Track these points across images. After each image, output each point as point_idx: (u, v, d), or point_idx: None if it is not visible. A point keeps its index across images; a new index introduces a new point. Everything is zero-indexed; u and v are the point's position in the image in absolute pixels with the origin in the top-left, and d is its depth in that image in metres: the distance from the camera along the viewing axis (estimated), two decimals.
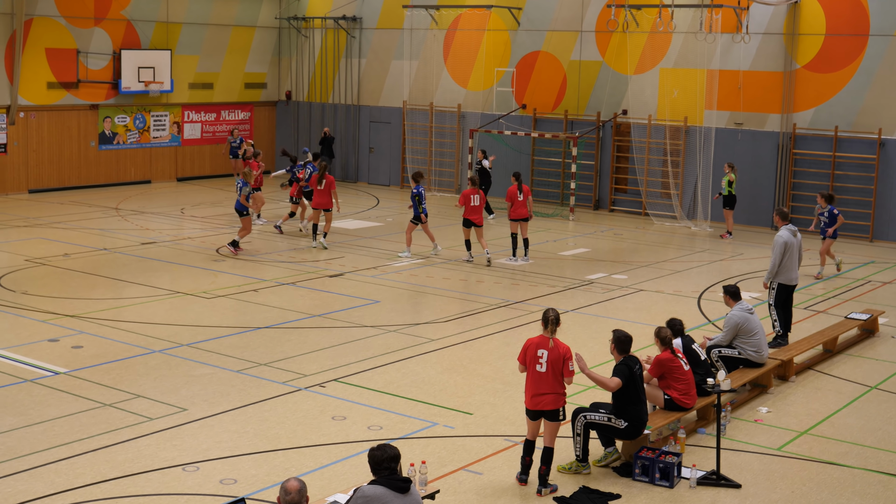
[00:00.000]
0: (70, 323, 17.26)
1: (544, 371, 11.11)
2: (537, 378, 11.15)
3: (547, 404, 11.12)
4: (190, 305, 18.80)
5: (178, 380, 14.41)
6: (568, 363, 11.10)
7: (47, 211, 28.88)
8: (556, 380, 11.12)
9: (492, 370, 15.31)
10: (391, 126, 36.21)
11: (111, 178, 34.10)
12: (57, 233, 25.52)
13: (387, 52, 35.99)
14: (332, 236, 26.03)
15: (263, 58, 38.21)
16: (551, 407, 11.13)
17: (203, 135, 36.63)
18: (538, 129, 32.58)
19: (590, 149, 31.81)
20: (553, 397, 11.12)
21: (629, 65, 30.91)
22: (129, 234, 25.67)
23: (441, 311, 18.88)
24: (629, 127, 31.16)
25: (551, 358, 11.11)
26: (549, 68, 32.60)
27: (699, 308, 19.63)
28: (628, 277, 22.09)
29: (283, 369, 15.03)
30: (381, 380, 14.67)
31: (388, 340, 16.77)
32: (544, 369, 11.11)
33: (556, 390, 11.13)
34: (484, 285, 20.98)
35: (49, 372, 14.63)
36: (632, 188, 31.34)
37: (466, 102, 34.28)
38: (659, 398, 12.65)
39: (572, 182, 30.61)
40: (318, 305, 18.96)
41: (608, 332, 17.39)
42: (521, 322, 17.95)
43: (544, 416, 11.18)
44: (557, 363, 11.10)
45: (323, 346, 16.33)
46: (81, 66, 32.85)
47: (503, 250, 24.53)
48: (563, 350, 11.14)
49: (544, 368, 11.10)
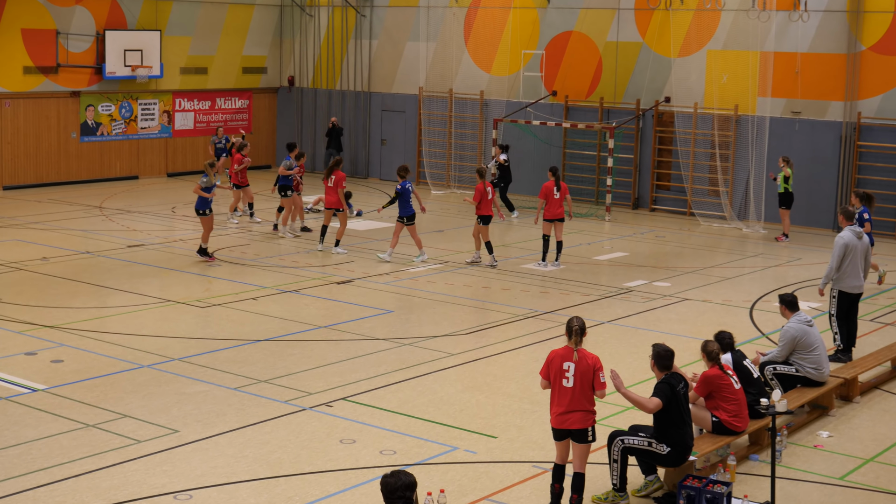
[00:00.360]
0: (49, 334, 17.36)
1: (571, 386, 11.09)
2: (563, 394, 11.14)
3: (574, 423, 11.09)
4: (182, 315, 18.87)
5: (169, 398, 14.48)
6: (599, 374, 11.07)
7: (23, 210, 29.05)
8: (585, 395, 11.11)
9: (518, 388, 15.32)
10: (405, 115, 36.26)
11: (94, 173, 34.27)
12: (34, 234, 25.67)
13: (401, 32, 36.06)
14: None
15: (263, 39, 38.35)
16: (579, 426, 11.10)
17: (196, 125, 36.79)
18: (570, 118, 32.58)
19: (628, 141, 31.79)
20: (581, 415, 11.09)
21: (672, 46, 30.87)
22: (114, 235, 25.80)
23: (462, 322, 18.90)
24: (672, 116, 31.12)
25: (579, 371, 11.09)
26: (582, 50, 32.60)
27: (751, 320, 19.58)
28: (671, 285, 22.05)
29: (285, 386, 15.07)
30: (395, 399, 14.70)
31: (402, 355, 16.80)
32: (571, 384, 11.09)
33: (584, 407, 11.11)
34: (510, 293, 20.99)
35: (26, 389, 14.71)
36: (675, 185, 31.30)
37: (490, 89, 34.30)
38: (706, 420, 12.62)
39: (608, 178, 30.59)
40: (325, 315, 19.01)
41: (648, 346, 17.40)
42: (551, 335, 17.95)
43: (571, 436, 11.17)
44: (586, 375, 11.08)
45: (330, 360, 16.37)
46: (61, 49, 33.04)
47: (532, 254, 24.53)
48: (592, 360, 11.13)
49: (571, 383, 11.09)
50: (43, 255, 23.20)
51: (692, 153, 30.64)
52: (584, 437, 11.12)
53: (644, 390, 15.09)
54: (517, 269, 23.28)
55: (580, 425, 11.10)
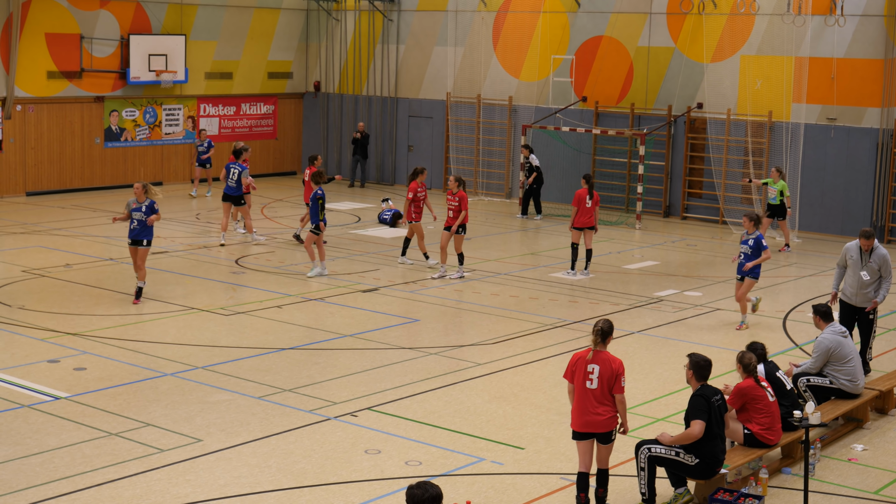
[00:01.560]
0: (72, 342, 17.48)
1: (595, 388, 11.25)
2: (587, 396, 11.27)
3: (599, 426, 11.26)
4: (206, 323, 18.96)
5: (193, 407, 14.55)
6: (620, 379, 11.23)
7: (47, 216, 29.24)
8: (608, 398, 11.28)
9: (546, 399, 15.32)
10: (433, 121, 36.32)
11: (118, 179, 34.47)
12: (57, 241, 25.84)
13: (428, 37, 36.14)
14: (362, 245, 26.17)
15: (289, 44, 38.50)
16: (604, 429, 11.27)
17: (221, 131, 36.95)
18: (600, 124, 32.56)
19: (660, 147, 31.73)
20: (605, 418, 11.26)
21: (705, 51, 30.81)
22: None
23: (489, 331, 18.91)
24: (705, 123, 31.05)
25: (603, 373, 11.24)
26: (613, 55, 32.58)
27: (784, 330, 19.51)
28: (703, 295, 21.99)
29: (309, 396, 15.12)
30: (421, 409, 14.73)
31: (428, 364, 16.82)
32: (595, 385, 11.25)
33: (609, 410, 11.28)
34: (538, 303, 20.98)
35: (48, 397, 14.82)
36: (708, 193, 31.22)
37: (519, 94, 34.32)
38: (738, 433, 12.60)
39: (639, 185, 30.55)
40: (350, 324, 19.06)
41: (679, 357, 17.38)
42: (580, 345, 17.92)
43: (597, 438, 11.34)
44: (610, 380, 11.24)
45: (355, 370, 16.41)
46: (85, 54, 33.26)
47: (561, 262, 24.52)
48: (617, 365, 11.28)
49: (595, 385, 11.25)
50: (66, 262, 23.35)
51: (725, 160, 30.55)
52: (608, 438, 11.32)
53: (674, 401, 15.09)
54: (546, 277, 23.27)
55: (605, 428, 11.26)
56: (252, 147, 37.58)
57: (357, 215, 30.92)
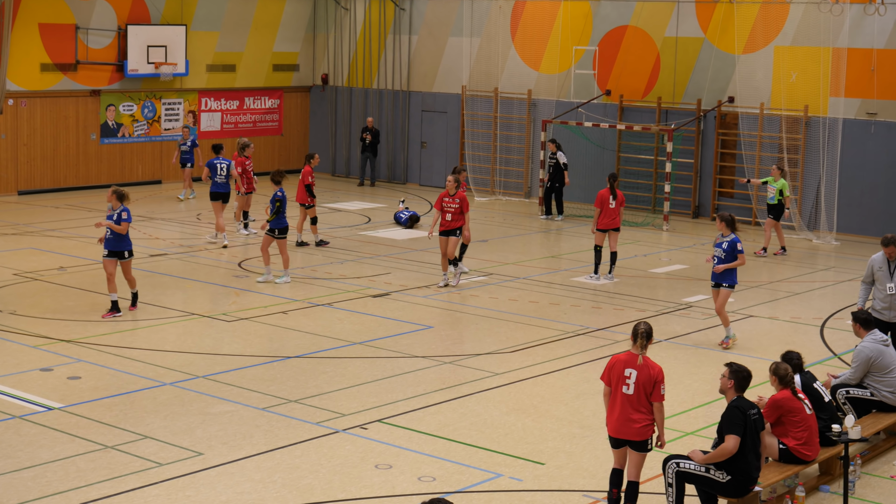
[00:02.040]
0: (66, 349, 17.49)
1: (631, 394, 11.35)
2: (623, 401, 11.39)
3: (633, 433, 11.37)
4: (207, 330, 18.97)
5: (193, 418, 14.55)
6: (659, 386, 11.34)
7: (39, 216, 29.31)
8: (645, 405, 11.38)
9: (568, 411, 15.28)
10: (447, 116, 36.31)
11: (115, 177, 34.52)
12: (50, 242, 25.89)
13: (443, 27, 36.13)
14: (373, 247, 26.16)
15: (295, 34, 38.53)
16: (638, 437, 11.37)
17: (224, 126, 37.00)
18: (625, 119, 32.51)
19: (688, 144, 31.67)
20: (641, 426, 11.36)
21: (737, 42, 30.74)
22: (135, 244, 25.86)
23: (507, 339, 18.88)
24: (736, 118, 30.98)
25: (641, 379, 11.34)
26: (638, 46, 32.53)
27: (822, 339, 19.44)
28: (735, 301, 21.93)
29: (316, 407, 15.11)
30: (435, 421, 14.70)
31: (442, 374, 16.80)
32: (631, 391, 11.35)
33: (644, 417, 11.36)
34: (559, 308, 20.95)
35: (41, 407, 14.83)
36: (739, 192, 31.14)
37: (538, 88, 34.29)
38: (773, 448, 12.54)
39: (667, 184, 30.49)
40: (360, 331, 19.05)
41: (710, 366, 17.34)
42: (604, 353, 17.87)
43: (630, 445, 11.45)
44: (648, 385, 11.34)
45: (365, 379, 16.40)
46: (81, 45, 33.33)
47: (583, 266, 24.47)
48: (656, 371, 11.39)
49: (631, 390, 11.35)
50: (60, 265, 23.39)
51: (758, 158, 30.46)
52: (643, 446, 11.44)
53: (704, 414, 15.04)
54: (567, 282, 23.23)
55: (639, 436, 11.38)
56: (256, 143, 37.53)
57: (367, 215, 30.92)
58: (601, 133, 32.57)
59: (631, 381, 11.35)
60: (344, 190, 35.81)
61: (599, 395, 15.58)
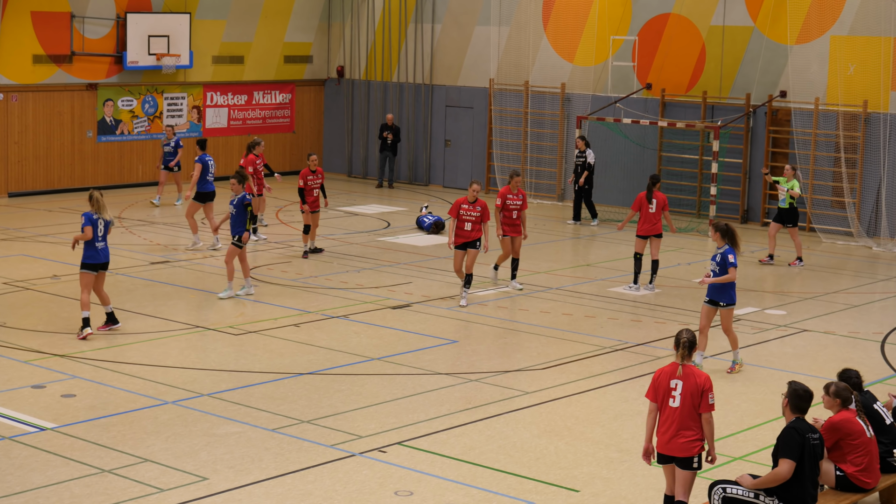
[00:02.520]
0: (59, 364, 17.54)
1: (678, 406, 11.47)
2: (670, 415, 11.52)
3: (679, 449, 11.46)
4: (212, 344, 19.01)
5: (197, 440, 14.57)
6: (707, 395, 11.43)
7: (31, 220, 29.42)
8: (691, 418, 11.46)
9: (605, 433, 15.25)
10: (473, 112, 36.32)
11: (113, 178, 34.66)
12: (43, 248, 25.98)
13: (469, 15, 36.16)
14: (393, 254, 26.17)
15: (309, 23, 38.62)
16: (684, 454, 11.46)
17: (230, 123, 37.11)
18: (667, 116, 32.46)
19: (736, 143, 31.60)
20: (687, 441, 11.43)
21: (789, 31, 30.67)
22: (134, 250, 26.05)
23: (538, 354, 18.85)
24: (789, 114, 30.90)
25: (687, 390, 11.44)
26: (682, 36, 32.47)
27: (883, 355, 19.35)
28: (787, 313, 21.85)
29: (331, 428, 15.12)
30: (459, 444, 14.69)
31: (467, 392, 16.79)
32: (678, 403, 11.47)
33: (692, 432, 11.45)
34: (595, 322, 20.92)
35: (33, 427, 14.86)
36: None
37: (573, 81, 34.27)
38: (829, 475, 12.47)
39: (712, 186, 30.42)
40: (378, 346, 19.05)
41: (760, 385, 17.28)
42: (645, 371, 17.83)
43: (676, 463, 11.54)
44: (695, 396, 11.43)
45: (383, 398, 16.40)
46: (76, 35, 33.47)
47: (622, 275, 24.42)
48: (702, 380, 11.48)
49: (678, 403, 11.47)
50: (53, 273, 23.47)
51: (812, 157, 30.38)
52: (688, 464, 11.51)
53: (755, 437, 14.98)
54: (604, 292, 23.19)
55: (685, 452, 11.45)
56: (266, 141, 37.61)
57: (386, 220, 30.95)
58: (641, 130, 32.52)
59: (677, 392, 11.46)
60: (361, 192, 35.87)
61: (639, 416, 15.59)
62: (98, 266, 19.00)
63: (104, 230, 19.03)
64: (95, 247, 18.92)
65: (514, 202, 22.74)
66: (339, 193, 34.61)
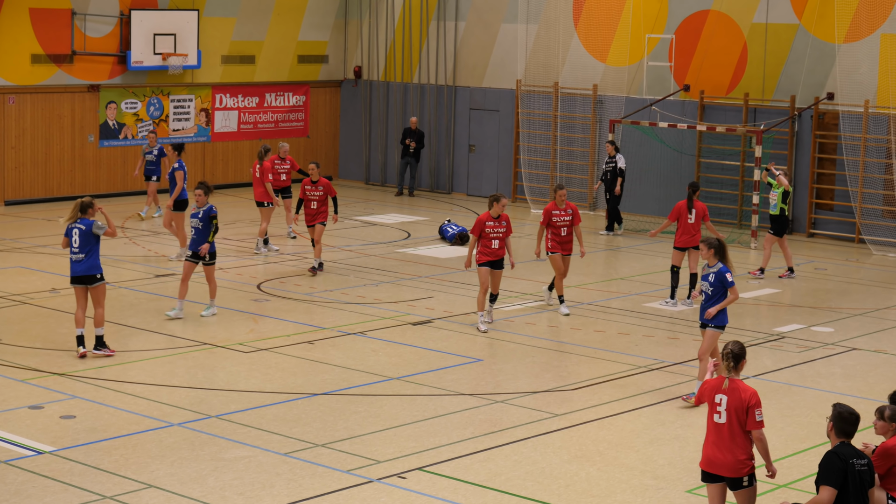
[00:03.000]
0: (58, 384, 17.57)
1: (723, 422, 11.52)
2: (714, 431, 11.60)
3: (724, 467, 11.51)
4: (221, 362, 19.03)
5: (204, 464, 14.58)
6: (754, 412, 11.48)
7: (29, 230, 29.50)
8: (740, 435, 11.52)
9: (639, 459, 15.21)
10: (499, 115, 36.34)
11: (115, 185, 34.74)
12: (41, 260, 26.05)
13: (495, 12, 36.19)
14: (413, 267, 26.17)
15: (324, 21, 38.69)
16: (730, 473, 11.51)
17: (241, 127, 37.19)
18: (706, 119, 32.41)
19: (780, 148, 31.54)
20: (735, 460, 11.48)
21: (837, 29, 30.61)
22: (138, 262, 26.11)
23: (568, 374, 18.83)
24: (836, 117, 30.82)
25: (731, 405, 11.48)
26: (722, 35, 32.44)
27: None
28: (835, 331, 21.78)
29: (347, 452, 15.12)
30: (484, 470, 14.67)
31: (493, 415, 16.77)
32: (724, 420, 11.52)
33: (740, 451, 11.50)
34: (629, 339, 20.88)
35: (30, 451, 14.89)
36: (841, 204, 30.97)
37: (605, 82, 34.26)
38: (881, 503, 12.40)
39: (755, 195, 30.36)
40: (397, 364, 19.05)
41: (806, 407, 17.21)
42: (682, 391, 17.80)
43: (727, 483, 11.63)
44: (740, 413, 11.46)
45: (403, 420, 16.39)
46: (77, 33, 33.59)
47: (657, 290, 24.38)
48: (748, 395, 11.52)
49: (723, 419, 11.52)
50: (52, 287, 23.53)
51: (862, 164, 30.29)
52: (737, 484, 11.61)
53: (800, 463, 14.93)
54: (639, 308, 23.15)
55: (732, 472, 11.52)
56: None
57: (406, 230, 30.97)
58: (678, 135, 32.48)
59: (722, 408, 11.52)
60: (379, 200, 35.90)
61: (676, 440, 15.63)
62: (72, 280, 18.83)
63: (79, 239, 18.69)
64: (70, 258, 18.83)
65: (562, 218, 22.31)
66: (356, 202, 34.66)
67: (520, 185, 35.52)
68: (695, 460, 14.84)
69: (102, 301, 18.91)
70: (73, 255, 18.71)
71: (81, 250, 18.70)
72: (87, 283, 18.78)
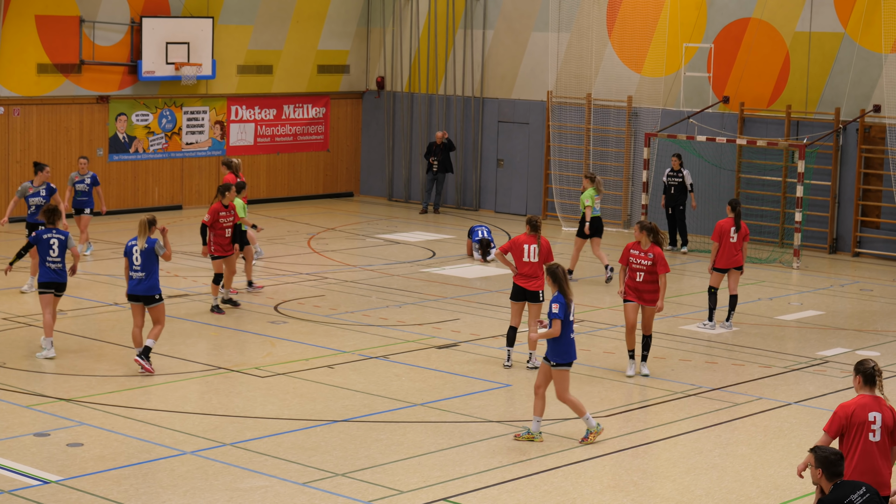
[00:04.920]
0: (65, 410, 17.62)
1: (878, 440, 11.50)
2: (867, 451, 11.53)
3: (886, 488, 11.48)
4: (236, 387, 19.06)
5: (219, 494, 14.61)
6: None
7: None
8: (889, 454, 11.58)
9: (676, 489, 15.19)
10: (529, 128, 36.37)
11: (126, 201, 34.86)
12: None
13: (524, 20, 36.24)
14: (439, 287, 26.19)
15: (345, 29, 38.79)
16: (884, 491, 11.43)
17: (257, 140, 37.28)
18: (747, 132, 32.39)
19: (824, 163, 31.48)
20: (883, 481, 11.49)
21: (884, 39, 30.56)
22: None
23: (601, 400, 18.81)
24: (884, 131, 30.77)
25: (885, 422, 11.51)
26: (763, 44, 32.42)
27: None
28: (882, 355, 21.71)
29: (369, 482, 15.13)
30: (512, 500, 14.67)
31: (522, 443, 16.76)
32: (878, 438, 11.49)
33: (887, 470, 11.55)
34: (665, 364, 20.85)
35: (35, 480, 14.93)
36: (887, 221, 30.91)
37: (640, 94, 34.27)
38: None
39: (798, 212, 30.31)
40: (421, 390, 19.06)
41: None
42: (721, 418, 17.76)
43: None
44: (890, 429, 11.53)
45: (427, 448, 16.40)
46: (86, 42, 33.73)
47: (695, 311, 24.34)
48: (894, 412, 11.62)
49: (878, 437, 11.49)
50: (59, 309, 23.58)
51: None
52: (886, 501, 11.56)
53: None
54: (675, 330, 23.12)
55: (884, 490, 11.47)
56: (297, 161, 37.95)
57: (431, 249, 30.99)
58: (717, 149, 32.45)
59: (877, 426, 11.47)
60: (403, 218, 35.92)
61: (714, 469, 15.59)
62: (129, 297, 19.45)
63: (141, 258, 19.15)
64: (130, 275, 19.33)
65: (640, 261, 19.60)
66: (378, 219, 34.70)
67: (550, 201, 35.52)
68: (733, 490, 14.88)
69: (162, 319, 19.56)
70: (134, 273, 19.25)
71: (143, 269, 19.20)
72: (145, 304, 19.36)
